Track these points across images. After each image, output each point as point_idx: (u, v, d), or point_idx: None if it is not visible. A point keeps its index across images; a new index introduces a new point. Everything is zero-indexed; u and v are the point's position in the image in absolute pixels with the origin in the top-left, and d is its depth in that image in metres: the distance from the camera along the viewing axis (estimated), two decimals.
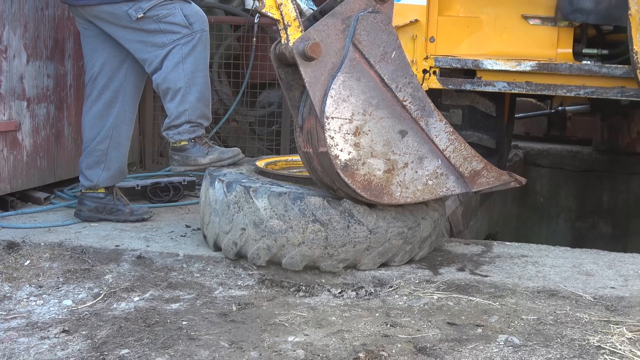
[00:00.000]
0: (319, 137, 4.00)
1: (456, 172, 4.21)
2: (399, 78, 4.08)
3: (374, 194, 4.05)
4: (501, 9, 6.29)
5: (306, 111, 4.19)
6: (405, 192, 4.11)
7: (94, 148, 5.07)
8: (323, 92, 3.97)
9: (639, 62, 5.39)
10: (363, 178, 4.01)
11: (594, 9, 5.91)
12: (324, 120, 3.94)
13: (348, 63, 4.00)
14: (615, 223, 10.36)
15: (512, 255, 4.69)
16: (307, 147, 4.21)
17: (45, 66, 5.50)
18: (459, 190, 4.25)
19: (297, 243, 4.14)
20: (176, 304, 3.84)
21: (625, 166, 10.24)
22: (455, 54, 6.24)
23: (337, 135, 3.95)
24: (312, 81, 3.98)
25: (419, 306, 3.84)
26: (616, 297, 4.00)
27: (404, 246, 4.30)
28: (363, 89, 4.01)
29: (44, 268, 4.23)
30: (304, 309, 3.80)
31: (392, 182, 4.08)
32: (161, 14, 4.78)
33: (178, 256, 4.44)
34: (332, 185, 4.18)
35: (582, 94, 6.04)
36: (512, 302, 3.90)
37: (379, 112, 4.04)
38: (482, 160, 4.27)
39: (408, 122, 4.10)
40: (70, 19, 5.71)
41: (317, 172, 4.24)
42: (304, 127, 4.21)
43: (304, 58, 3.96)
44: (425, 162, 4.14)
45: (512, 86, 6.10)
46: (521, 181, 4.46)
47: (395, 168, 4.07)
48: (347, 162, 3.97)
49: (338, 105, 3.95)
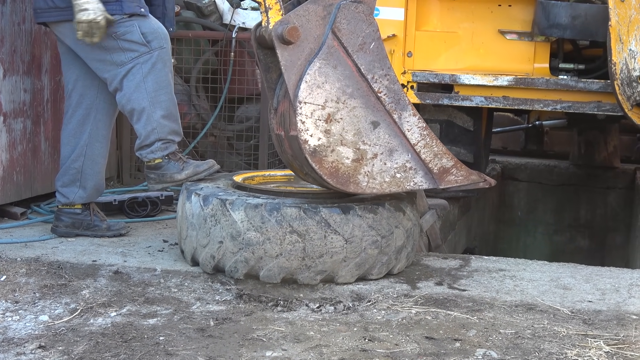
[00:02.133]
0: (291, 120, 4.01)
1: (425, 168, 4.21)
2: (375, 69, 4.09)
3: (340, 181, 4.05)
4: (478, 24, 6.32)
5: (281, 94, 4.21)
6: (372, 183, 4.11)
7: (69, 166, 5.05)
8: (298, 76, 3.98)
9: (617, 73, 5.42)
10: (331, 165, 4.02)
11: (570, 24, 5.95)
12: (296, 105, 3.95)
13: (326, 50, 4.01)
14: (593, 237, 10.40)
15: (490, 270, 4.69)
16: (279, 130, 4.23)
17: (22, 81, 5.47)
18: (427, 185, 4.25)
19: (275, 255, 4.14)
20: (153, 319, 3.82)
21: (602, 180, 10.29)
22: (432, 69, 6.27)
23: (309, 121, 3.96)
24: (288, 65, 3.99)
25: (397, 320, 3.84)
26: (593, 310, 4.01)
27: (380, 257, 4.30)
28: (339, 77, 4.02)
29: (20, 283, 4.20)
30: (282, 324, 3.79)
31: (359, 172, 4.08)
32: (119, 32, 4.74)
33: (155, 271, 4.43)
34: (300, 169, 4.19)
35: (559, 109, 6.07)
36: (490, 316, 3.91)
37: (352, 101, 4.05)
38: (453, 158, 4.27)
39: (381, 113, 4.11)
40: (48, 33, 5.69)
41: (287, 155, 4.25)
42: (278, 109, 4.22)
43: (281, 41, 3.97)
44: (395, 155, 4.14)
45: (489, 101, 6.12)
46: (490, 182, 4.46)
47: (364, 158, 4.08)
48: (316, 148, 3.97)
49: (312, 90, 3.96)
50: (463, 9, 6.35)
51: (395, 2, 6.13)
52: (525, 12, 6.24)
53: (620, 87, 5.42)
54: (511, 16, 6.30)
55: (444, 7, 6.37)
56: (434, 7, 6.38)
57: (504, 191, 10.53)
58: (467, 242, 8.58)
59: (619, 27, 5.40)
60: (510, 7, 6.28)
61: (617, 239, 10.21)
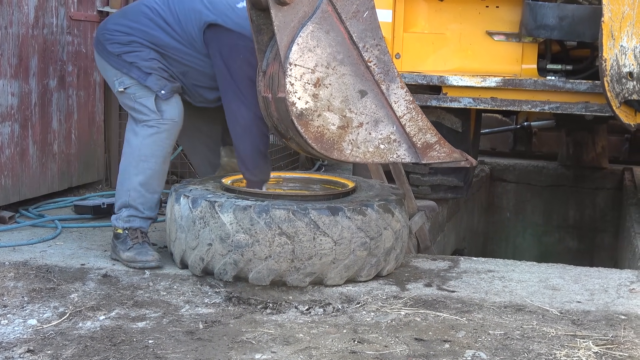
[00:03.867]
0: (280, 82, 4.02)
1: (409, 141, 4.22)
2: (367, 38, 4.10)
3: (324, 147, 4.06)
4: (466, 25, 6.32)
5: (271, 56, 4.21)
6: (356, 152, 4.12)
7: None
8: (290, 38, 3.99)
9: (607, 70, 5.42)
10: (316, 129, 4.03)
11: (558, 25, 5.95)
12: (286, 66, 3.95)
13: (320, 14, 4.02)
14: (582, 238, 10.43)
15: (479, 271, 4.70)
16: (267, 92, 4.23)
17: (9, 84, 5.46)
18: (409, 159, 4.26)
19: (264, 257, 4.14)
20: (142, 323, 3.82)
21: (590, 181, 10.32)
22: (420, 70, 6.27)
23: (298, 83, 3.97)
24: (281, 26, 3.99)
25: (387, 322, 3.84)
26: (582, 311, 4.02)
27: (369, 259, 4.30)
28: (330, 43, 4.04)
29: (9, 287, 4.19)
30: (271, 326, 3.79)
31: (344, 139, 4.09)
32: (137, 94, 4.72)
33: (144, 274, 4.42)
34: (285, 134, 4.19)
35: (547, 110, 6.07)
36: (479, 317, 3.91)
37: (342, 68, 4.06)
38: (437, 134, 4.29)
39: (369, 83, 4.12)
40: (35, 37, 5.68)
41: (272, 119, 4.26)
42: (267, 71, 4.23)
43: (277, 2, 3.97)
44: (380, 126, 4.15)
45: (477, 102, 6.12)
46: (472, 162, 4.46)
47: (349, 126, 4.09)
48: (302, 111, 3.98)
49: (303, 53, 3.97)
50: (451, 11, 6.34)
51: (382, 3, 6.12)
52: (513, 13, 6.24)
53: (609, 83, 5.41)
54: (499, 17, 6.30)
55: (431, 8, 6.36)
56: (421, 8, 6.38)
57: (492, 192, 10.54)
58: (456, 243, 8.59)
59: (611, 24, 5.40)
60: (497, 8, 6.28)
61: (605, 240, 10.24)
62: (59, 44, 6.00)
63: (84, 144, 6.43)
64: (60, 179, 6.16)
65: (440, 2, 6.34)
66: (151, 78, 4.70)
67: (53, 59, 5.94)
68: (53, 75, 5.94)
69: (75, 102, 6.27)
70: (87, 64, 6.39)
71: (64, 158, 6.17)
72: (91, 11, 6.44)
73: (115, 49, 4.74)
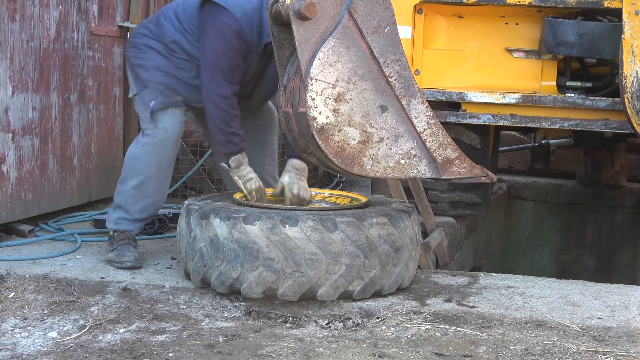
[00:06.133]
0: (301, 97, 4.02)
1: (429, 157, 4.21)
2: (388, 53, 4.10)
3: (345, 162, 4.06)
4: (485, 42, 6.33)
5: (292, 71, 4.22)
6: (377, 167, 4.12)
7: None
8: (311, 53, 4.00)
9: (627, 87, 5.42)
10: (337, 144, 4.03)
11: (578, 42, 5.95)
12: (307, 81, 3.96)
13: (341, 29, 4.02)
14: (600, 256, 10.37)
15: (498, 287, 4.68)
16: (287, 107, 4.24)
17: (30, 98, 5.49)
18: (430, 174, 4.25)
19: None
20: (162, 336, 3.82)
21: (608, 199, 10.27)
22: (440, 87, 6.27)
23: (319, 98, 3.97)
24: (302, 41, 4.00)
25: (407, 337, 3.83)
26: (603, 327, 4.00)
27: (393, 269, 4.32)
28: (351, 58, 4.04)
29: (29, 300, 4.20)
30: (291, 340, 3.78)
31: (364, 154, 4.09)
32: (140, 102, 4.95)
33: (164, 288, 4.42)
34: (306, 148, 4.20)
35: (567, 126, 6.07)
36: (500, 332, 3.90)
37: (363, 83, 4.06)
38: (458, 149, 4.28)
39: (390, 98, 4.12)
40: (56, 51, 5.71)
41: (293, 134, 4.26)
42: (288, 86, 4.24)
43: (298, 17, 3.98)
44: (400, 141, 4.15)
45: (496, 118, 6.13)
46: (492, 177, 4.45)
47: (370, 141, 4.09)
48: (323, 126, 3.99)
49: (324, 68, 3.98)
50: (470, 27, 6.35)
51: (402, 20, 6.13)
52: (533, 30, 6.24)
53: (630, 100, 5.41)
54: (518, 34, 6.30)
55: (451, 25, 6.38)
56: (441, 25, 6.39)
57: (510, 210, 10.51)
58: (474, 260, 8.57)
59: (632, 40, 5.40)
60: (517, 25, 6.29)
61: (624, 258, 10.18)
62: (79, 58, 6.03)
63: (104, 158, 6.44)
64: (80, 193, 6.17)
65: (460, 19, 6.36)
66: (146, 90, 4.90)
67: (73, 74, 5.97)
68: (73, 90, 5.97)
69: (95, 117, 6.29)
70: (107, 78, 6.42)
71: (84, 172, 6.19)
72: (112, 26, 6.47)
73: (130, 53, 5.02)
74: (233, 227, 4.18)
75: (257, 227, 4.14)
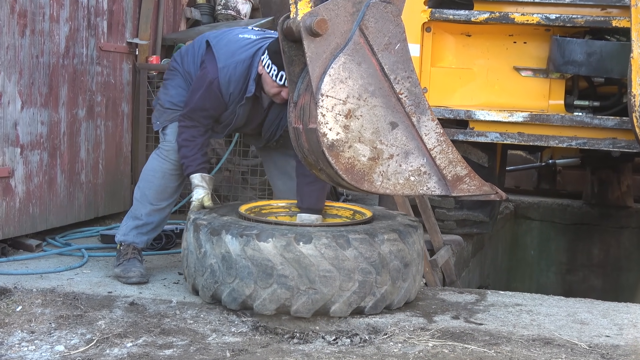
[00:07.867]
0: (311, 113, 4.02)
1: (439, 174, 4.21)
2: (399, 70, 4.10)
3: (355, 178, 4.05)
4: (493, 60, 6.33)
5: (303, 87, 4.22)
6: (386, 183, 4.11)
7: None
8: (322, 69, 3.99)
9: (636, 105, 5.41)
10: (347, 161, 4.02)
11: (586, 62, 5.95)
12: (318, 97, 3.96)
13: (352, 46, 4.02)
14: (606, 277, 10.34)
15: (506, 304, 4.67)
16: (297, 123, 4.24)
17: (39, 113, 5.50)
18: (439, 191, 4.24)
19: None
20: (169, 350, 3.81)
21: (615, 220, 10.24)
22: (447, 105, 6.27)
23: (329, 114, 3.97)
24: (313, 57, 3.99)
25: (414, 353, 3.82)
26: (611, 345, 3.99)
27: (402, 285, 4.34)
28: (362, 74, 4.04)
29: (36, 314, 4.20)
30: (298, 356, 3.77)
31: (374, 171, 4.08)
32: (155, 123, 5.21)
33: (171, 303, 4.42)
34: (316, 164, 4.19)
35: (574, 145, 6.06)
36: (508, 350, 3.89)
37: (373, 100, 4.06)
38: (467, 167, 4.27)
39: (400, 115, 4.11)
40: (65, 67, 5.73)
41: (303, 150, 4.26)
42: (298, 102, 4.24)
43: (309, 33, 3.97)
44: (410, 158, 4.15)
45: (504, 137, 6.12)
46: (502, 195, 4.44)
47: (380, 157, 4.08)
48: (333, 142, 3.98)
49: (335, 84, 3.98)
50: (478, 46, 6.36)
51: (410, 38, 6.10)
52: (541, 49, 6.25)
53: (638, 119, 5.40)
54: (526, 53, 6.30)
55: (459, 43, 6.38)
56: (449, 43, 6.40)
57: (516, 230, 10.49)
58: (480, 279, 8.55)
59: None
60: (525, 44, 6.29)
61: (630, 279, 10.16)
62: (88, 74, 6.05)
63: (111, 174, 6.46)
64: (87, 208, 6.18)
65: (468, 38, 6.36)
66: (155, 111, 5.21)
67: (82, 89, 5.99)
68: (82, 105, 5.99)
69: (103, 132, 6.31)
70: (116, 94, 6.44)
71: (91, 188, 6.20)
72: (121, 42, 6.50)
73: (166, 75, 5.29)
74: (246, 244, 4.18)
75: (270, 244, 4.15)
